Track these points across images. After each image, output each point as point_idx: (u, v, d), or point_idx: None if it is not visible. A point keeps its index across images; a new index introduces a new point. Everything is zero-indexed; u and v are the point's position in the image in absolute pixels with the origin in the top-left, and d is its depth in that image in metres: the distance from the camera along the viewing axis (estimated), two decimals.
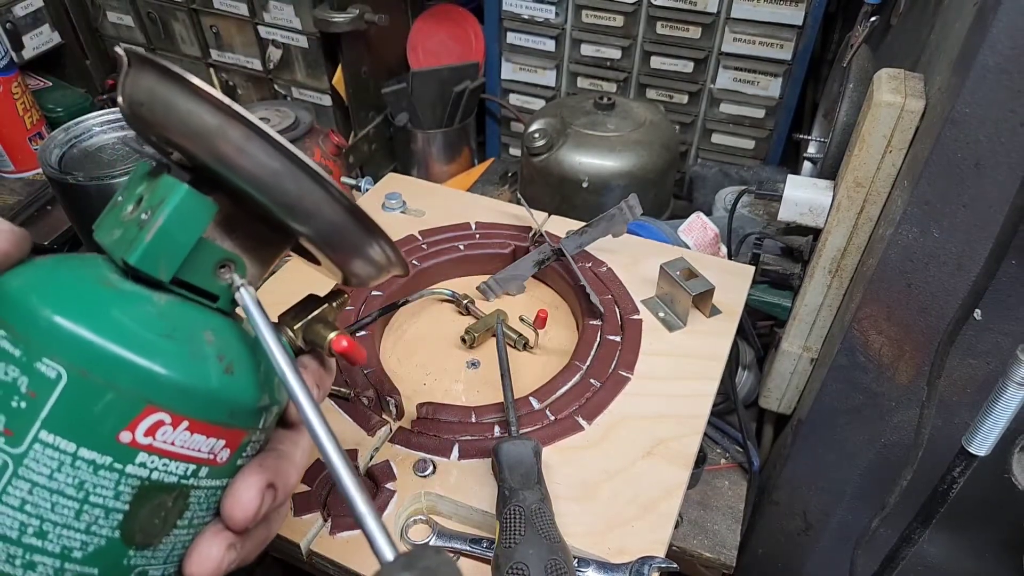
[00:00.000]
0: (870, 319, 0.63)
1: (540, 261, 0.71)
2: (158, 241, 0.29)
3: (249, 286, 0.31)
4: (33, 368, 0.27)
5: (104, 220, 0.32)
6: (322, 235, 0.32)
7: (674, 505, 0.51)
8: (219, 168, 0.30)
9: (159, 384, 0.28)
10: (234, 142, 0.29)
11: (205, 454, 0.30)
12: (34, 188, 1.09)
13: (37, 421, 0.27)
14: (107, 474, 0.27)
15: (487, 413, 0.58)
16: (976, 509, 0.66)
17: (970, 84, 0.49)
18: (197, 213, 0.30)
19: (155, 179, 0.31)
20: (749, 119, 1.13)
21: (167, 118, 0.29)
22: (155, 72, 0.29)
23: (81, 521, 0.27)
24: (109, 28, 1.34)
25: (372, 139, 1.27)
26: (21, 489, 0.27)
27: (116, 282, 0.30)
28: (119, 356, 0.27)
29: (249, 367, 0.31)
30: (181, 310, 0.30)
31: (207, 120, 0.28)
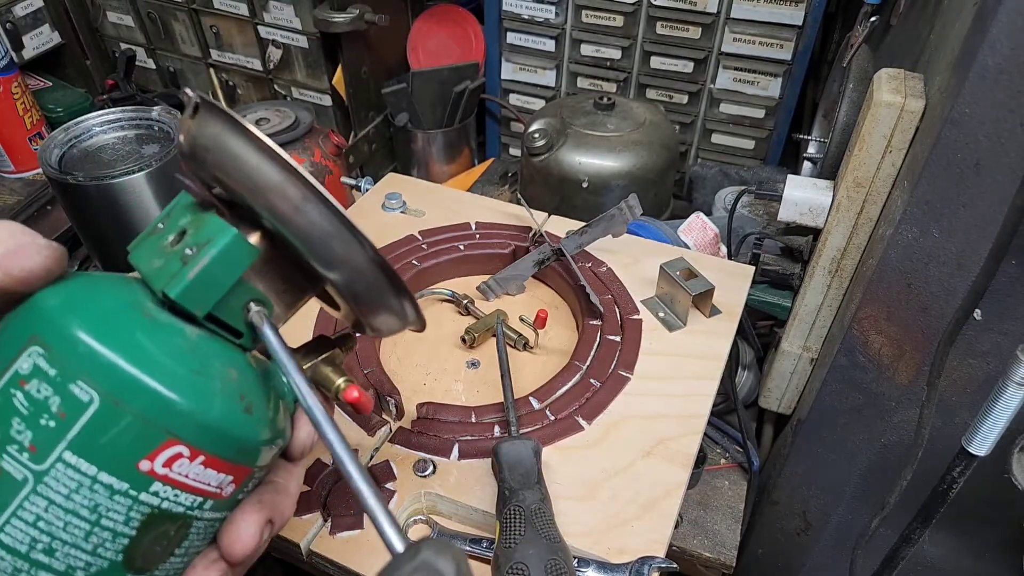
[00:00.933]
0: (870, 319, 0.63)
1: (540, 261, 0.71)
2: (200, 280, 0.30)
3: (274, 326, 0.33)
4: (67, 389, 0.27)
5: (142, 244, 0.33)
6: (352, 288, 0.33)
7: (674, 505, 0.51)
8: (271, 220, 0.31)
9: (185, 419, 0.28)
10: (293, 200, 0.30)
11: (213, 488, 0.31)
12: (34, 188, 1.09)
13: (63, 441, 0.27)
14: (122, 499, 0.28)
15: (487, 413, 0.58)
16: (976, 509, 0.66)
17: (970, 84, 0.49)
18: (240, 257, 0.31)
19: (200, 215, 0.32)
20: (749, 119, 1.13)
21: (231, 168, 0.31)
22: (223, 121, 0.31)
23: (89, 543, 0.28)
24: (109, 28, 1.34)
25: (372, 139, 1.27)
26: (37, 505, 0.27)
27: (153, 311, 0.30)
28: (152, 389, 0.28)
29: (264, 407, 0.32)
30: (210, 346, 0.31)
31: (270, 176, 0.30)
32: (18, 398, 0.28)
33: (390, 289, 0.34)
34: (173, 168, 0.82)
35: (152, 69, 1.35)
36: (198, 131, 0.31)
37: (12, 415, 0.27)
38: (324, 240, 0.31)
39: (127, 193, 0.80)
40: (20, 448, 0.27)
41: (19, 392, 0.28)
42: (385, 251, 0.74)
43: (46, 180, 0.84)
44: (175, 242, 0.32)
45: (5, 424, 0.27)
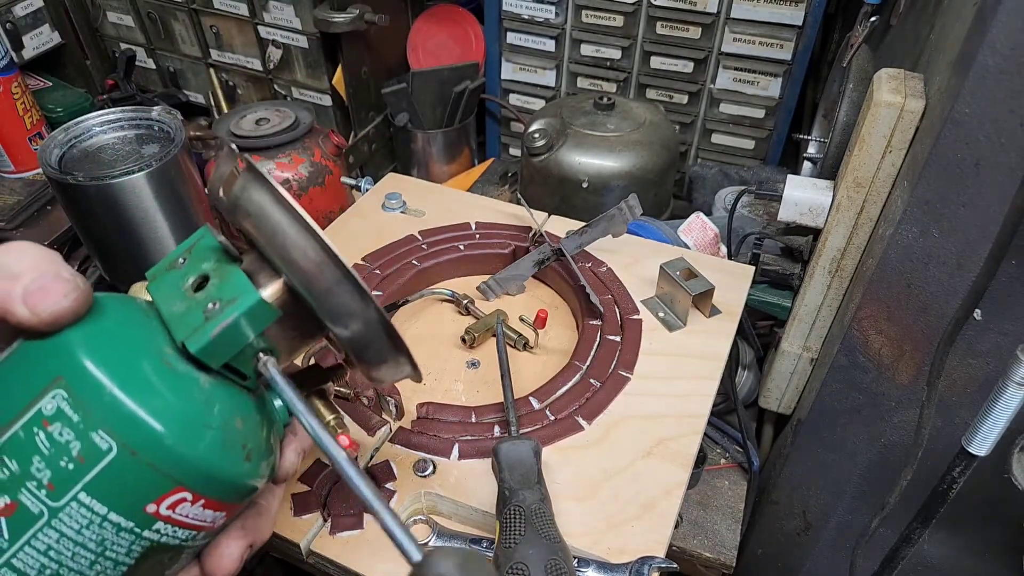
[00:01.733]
0: (870, 319, 0.63)
1: (540, 261, 0.71)
2: (221, 337, 0.32)
3: (283, 374, 0.34)
4: (88, 437, 0.29)
5: (162, 279, 0.35)
6: (358, 346, 0.36)
7: (674, 505, 0.51)
8: (302, 291, 0.33)
9: (193, 471, 0.31)
10: (327, 282, 0.33)
11: (208, 523, 0.33)
12: (34, 188, 1.09)
13: (80, 483, 0.29)
14: (126, 535, 0.31)
15: (487, 413, 0.58)
16: (976, 509, 0.66)
17: (970, 84, 0.49)
18: (262, 318, 0.33)
19: (225, 266, 0.34)
20: (749, 119, 1.13)
21: (270, 238, 0.33)
22: (268, 193, 0.33)
23: (92, 570, 0.31)
24: (109, 28, 1.34)
25: (372, 139, 1.27)
26: (49, 537, 0.30)
27: (171, 359, 0.32)
28: (168, 444, 0.30)
29: (262, 452, 0.35)
30: (221, 394, 0.33)
31: (309, 256, 0.32)
32: (40, 438, 0.29)
33: (390, 347, 0.36)
34: (173, 168, 0.82)
35: (152, 69, 1.35)
36: (242, 195, 0.33)
37: (34, 453, 0.29)
38: (349, 317, 0.34)
39: (127, 193, 0.80)
40: (39, 485, 0.29)
41: (42, 432, 0.29)
42: (385, 251, 0.74)
43: (46, 180, 0.84)
44: (196, 286, 0.34)
45: (26, 461, 0.29)
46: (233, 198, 0.33)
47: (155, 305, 0.34)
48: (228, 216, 0.34)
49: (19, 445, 0.30)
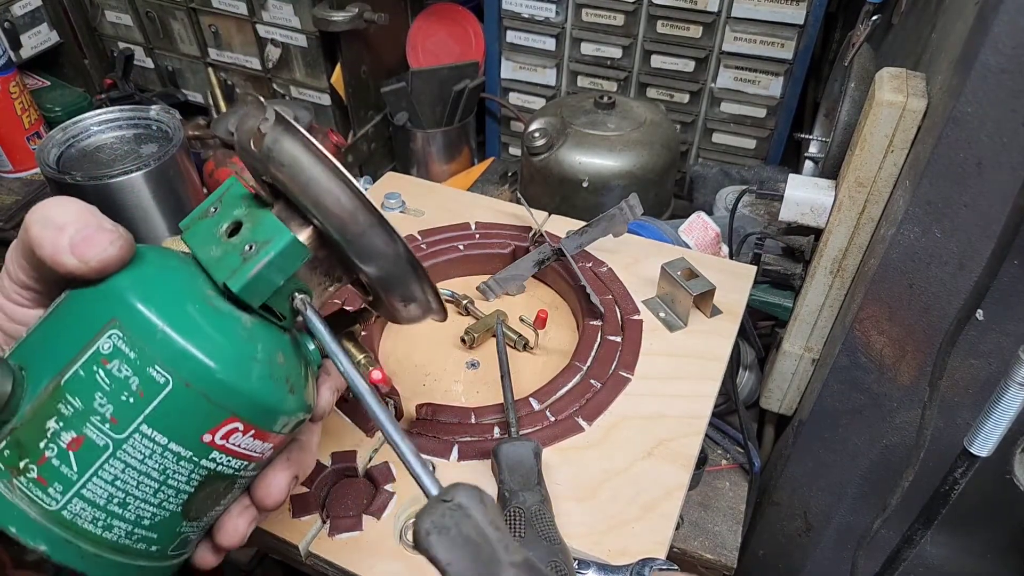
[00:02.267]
0: (872, 319, 0.63)
1: (540, 261, 0.71)
2: (259, 277, 0.34)
3: (317, 311, 0.36)
4: (145, 372, 0.31)
5: (196, 227, 0.37)
6: (389, 285, 0.38)
7: (675, 506, 0.51)
8: (335, 236, 0.35)
9: (244, 401, 0.33)
10: (361, 226, 0.34)
11: (258, 453, 0.36)
12: (32, 188, 1.09)
13: (141, 416, 0.32)
14: (186, 464, 0.33)
15: (487, 414, 0.57)
16: (978, 510, 0.66)
17: (971, 84, 0.49)
18: (295, 258, 0.35)
19: (257, 211, 0.36)
20: (750, 118, 1.13)
21: (304, 187, 0.34)
22: (300, 143, 0.34)
23: (156, 498, 0.33)
24: (108, 27, 1.33)
25: (371, 138, 1.27)
26: (115, 468, 0.32)
27: (215, 300, 0.34)
28: (219, 376, 0.32)
29: (302, 384, 0.37)
30: (263, 332, 0.35)
31: (343, 202, 0.34)
32: (100, 375, 0.31)
33: (418, 284, 0.38)
34: (171, 168, 0.82)
35: (150, 68, 1.34)
36: (275, 146, 0.34)
37: (96, 389, 0.31)
38: (382, 258, 0.36)
39: (125, 193, 0.79)
40: (102, 419, 0.31)
41: (102, 370, 0.31)
42: None
43: (44, 180, 0.84)
44: (230, 232, 0.36)
45: (89, 397, 0.31)
46: (265, 149, 0.34)
47: (192, 252, 0.36)
48: (260, 167, 0.36)
49: (81, 383, 0.32)
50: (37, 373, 0.32)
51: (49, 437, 0.32)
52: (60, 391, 0.32)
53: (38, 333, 0.34)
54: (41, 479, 0.31)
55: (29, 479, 0.31)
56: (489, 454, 0.52)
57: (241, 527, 0.38)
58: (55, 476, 0.31)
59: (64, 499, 0.31)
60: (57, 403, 0.32)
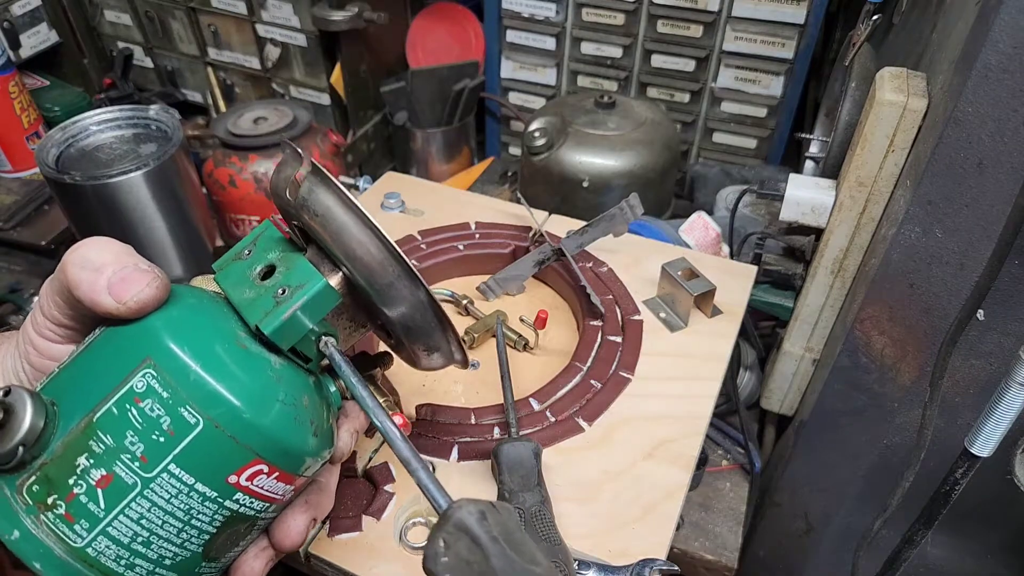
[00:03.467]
0: (872, 319, 0.62)
1: (540, 261, 0.71)
2: (291, 320, 0.35)
3: (344, 356, 0.37)
4: (177, 412, 0.32)
5: (229, 269, 0.38)
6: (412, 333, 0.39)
7: (675, 507, 0.51)
8: (361, 282, 0.36)
9: (270, 444, 0.34)
10: (389, 276, 0.36)
11: (279, 496, 0.36)
12: (31, 188, 1.09)
13: (170, 455, 0.32)
14: (210, 505, 0.34)
15: (487, 414, 0.57)
16: (979, 511, 0.66)
17: (972, 83, 0.48)
18: (327, 303, 0.36)
19: (290, 255, 0.37)
20: (751, 118, 1.13)
21: (336, 235, 0.35)
22: (334, 195, 0.35)
23: (179, 537, 0.33)
24: (107, 27, 1.33)
25: (371, 138, 1.27)
26: (142, 507, 0.32)
27: (246, 342, 0.35)
28: (247, 418, 0.33)
29: (325, 430, 0.38)
30: (290, 375, 0.36)
31: (372, 252, 0.35)
32: (133, 413, 0.32)
33: (439, 330, 0.39)
34: (170, 168, 0.82)
35: (150, 68, 1.34)
36: (310, 196, 0.36)
37: (128, 427, 0.32)
38: (408, 306, 0.37)
39: (124, 192, 0.79)
40: (132, 457, 0.32)
41: (134, 408, 0.32)
42: None
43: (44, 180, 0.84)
44: (263, 275, 0.37)
45: (121, 434, 0.32)
46: (301, 199, 0.36)
47: (225, 293, 0.37)
48: (295, 213, 0.37)
49: (113, 420, 0.32)
50: (69, 409, 0.33)
51: (79, 474, 0.32)
52: (92, 428, 0.32)
53: (71, 369, 0.35)
54: (68, 516, 0.32)
55: (56, 515, 0.32)
56: (489, 454, 0.52)
57: (257, 568, 0.39)
58: (82, 513, 0.32)
59: (90, 536, 0.32)
60: (89, 440, 0.32)
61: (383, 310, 0.37)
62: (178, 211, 0.85)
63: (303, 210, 0.36)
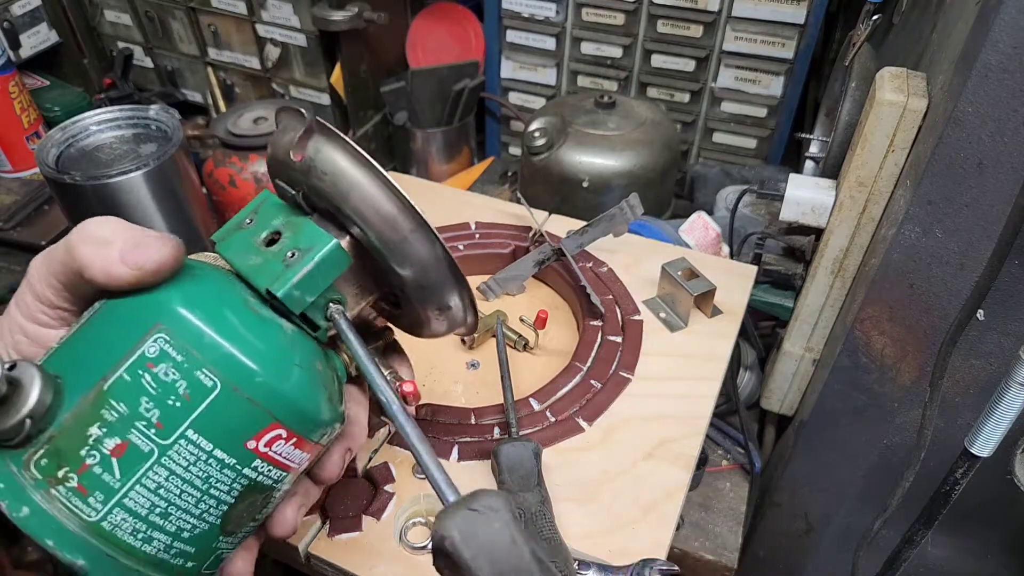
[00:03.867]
0: (872, 319, 0.62)
1: (540, 261, 0.71)
2: (303, 283, 0.34)
3: (350, 322, 0.37)
4: (193, 375, 0.31)
5: (231, 239, 0.37)
6: (425, 290, 0.38)
7: (675, 507, 0.51)
8: (375, 241, 0.35)
9: (288, 407, 0.33)
10: (402, 231, 0.35)
11: (296, 464, 0.36)
12: (31, 188, 1.09)
13: (188, 420, 0.31)
14: (229, 472, 0.33)
15: (487, 414, 0.57)
16: (979, 511, 0.66)
17: (972, 83, 0.48)
18: (338, 264, 0.36)
19: (296, 219, 0.36)
20: (751, 118, 1.13)
21: (346, 194, 0.34)
22: (343, 150, 0.34)
23: (198, 508, 0.32)
24: (107, 27, 1.33)
25: (371, 138, 1.26)
26: (159, 475, 0.31)
27: (256, 307, 0.35)
28: (265, 380, 0.32)
29: (338, 396, 0.37)
30: (301, 340, 0.36)
31: (387, 208, 0.34)
32: (147, 379, 0.31)
33: (454, 285, 0.38)
34: (170, 168, 0.82)
35: (150, 68, 1.34)
36: (317, 156, 0.35)
37: (141, 393, 0.31)
38: (416, 257, 0.36)
39: (125, 193, 0.79)
40: (148, 424, 0.31)
41: (148, 374, 0.31)
42: None
43: (44, 180, 0.84)
44: (268, 242, 0.36)
45: (134, 401, 0.31)
46: (307, 160, 0.35)
47: (229, 262, 0.36)
48: (300, 177, 0.36)
49: (126, 387, 0.31)
50: (75, 381, 0.32)
51: (91, 444, 0.31)
52: (103, 396, 0.31)
53: (72, 342, 0.34)
54: (81, 488, 0.30)
55: (68, 488, 0.30)
56: (489, 455, 0.52)
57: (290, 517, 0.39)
58: (96, 484, 0.30)
59: (105, 509, 0.30)
60: (100, 409, 0.31)
61: (396, 269, 0.36)
62: (178, 211, 0.85)
63: (310, 172, 0.35)
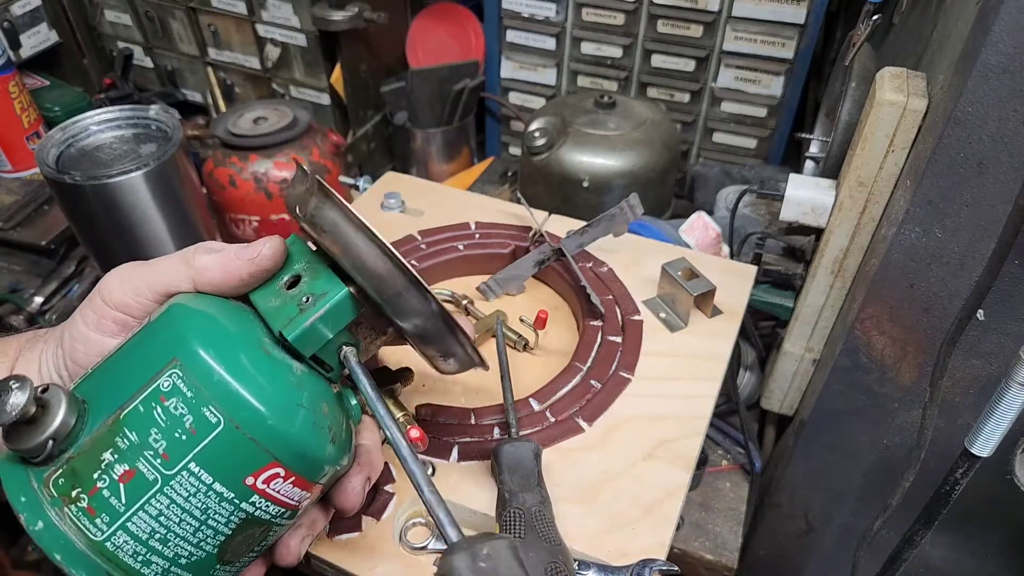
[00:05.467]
0: (872, 319, 0.62)
1: (540, 261, 0.71)
2: (314, 328, 0.37)
3: (363, 365, 0.38)
4: (199, 411, 0.33)
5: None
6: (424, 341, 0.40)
7: (675, 507, 0.51)
8: (371, 294, 0.37)
9: (288, 447, 0.35)
10: (396, 287, 0.36)
11: (295, 502, 0.37)
12: (32, 188, 1.09)
13: (191, 453, 0.33)
14: (227, 505, 0.34)
15: (487, 415, 0.57)
16: (979, 510, 0.66)
17: (972, 83, 0.48)
18: (348, 312, 0.38)
19: (316, 265, 0.39)
20: (751, 118, 1.13)
21: (344, 250, 0.36)
22: (339, 211, 0.36)
23: (195, 537, 0.34)
24: (107, 27, 1.33)
25: (371, 138, 1.27)
26: (161, 503, 0.33)
27: (269, 347, 0.37)
28: (267, 421, 0.34)
29: (344, 438, 0.39)
30: (311, 381, 0.37)
31: (379, 265, 0.36)
32: (158, 411, 0.33)
33: (451, 336, 0.40)
34: (170, 168, 0.82)
35: (150, 68, 1.34)
36: (317, 213, 0.37)
37: (152, 425, 0.33)
38: (410, 311, 0.38)
39: (124, 193, 0.79)
40: (155, 454, 0.33)
41: (159, 407, 0.33)
42: None
43: (44, 180, 0.84)
44: (290, 285, 0.38)
45: (145, 431, 0.33)
46: (309, 216, 0.37)
47: (252, 301, 0.39)
48: (307, 230, 0.38)
49: (139, 417, 0.33)
50: (98, 406, 0.34)
51: (103, 468, 0.33)
52: (119, 424, 0.33)
53: (103, 369, 0.36)
54: (91, 509, 0.33)
55: (79, 508, 0.33)
56: (489, 455, 0.52)
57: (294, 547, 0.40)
58: (104, 507, 0.33)
59: (109, 531, 0.33)
60: (115, 436, 0.33)
61: (394, 319, 0.38)
62: (178, 211, 0.85)
63: (312, 226, 0.37)
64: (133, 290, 0.39)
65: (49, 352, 0.40)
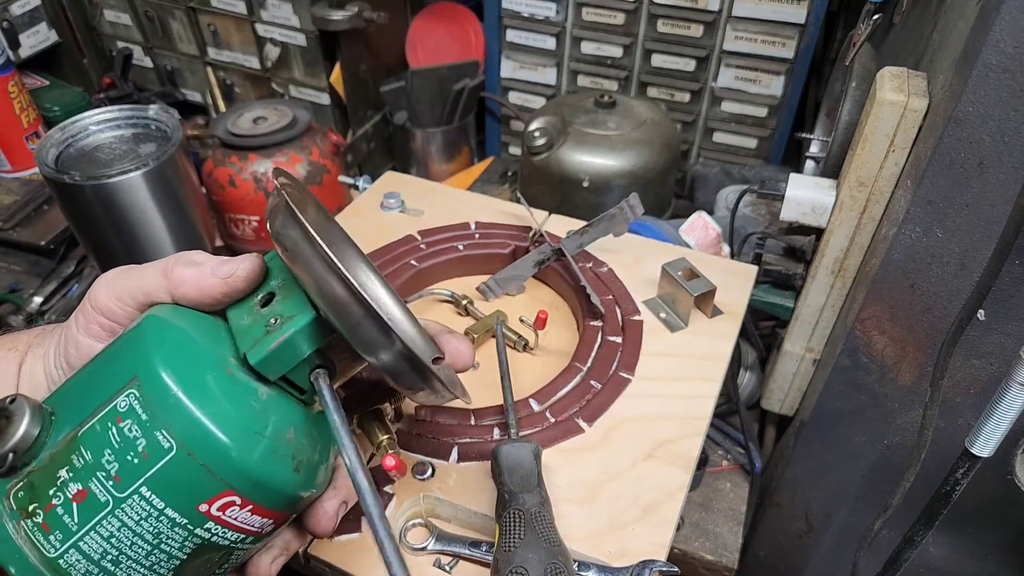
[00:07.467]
0: (873, 319, 0.62)
1: (540, 261, 0.71)
2: (278, 351, 0.35)
3: (331, 388, 0.37)
4: (153, 435, 0.32)
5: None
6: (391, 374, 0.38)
7: (675, 507, 0.51)
8: (333, 322, 0.35)
9: (243, 476, 0.33)
10: (355, 317, 0.34)
11: (256, 528, 0.35)
12: (31, 188, 1.09)
13: (142, 478, 0.32)
14: (179, 531, 0.33)
15: (487, 415, 0.57)
16: (979, 511, 0.66)
17: (973, 83, 0.48)
18: (315, 338, 0.36)
19: (290, 285, 0.37)
20: (751, 118, 1.12)
21: (303, 272, 0.35)
22: (300, 231, 0.34)
23: (148, 560, 0.33)
24: (106, 26, 1.33)
25: (370, 138, 1.26)
26: (112, 525, 0.32)
27: (234, 369, 0.35)
28: (221, 448, 0.32)
29: (311, 466, 0.37)
30: (276, 405, 0.36)
31: (337, 292, 0.34)
32: (113, 432, 0.32)
33: (415, 373, 0.38)
34: (169, 168, 0.82)
35: (149, 68, 1.34)
36: (282, 231, 0.35)
37: (106, 446, 0.32)
38: (371, 343, 0.35)
39: (124, 193, 0.79)
40: (107, 476, 0.32)
41: (115, 428, 0.32)
42: (383, 251, 0.74)
43: (43, 179, 0.84)
44: (264, 302, 0.37)
45: (99, 452, 0.32)
46: (275, 233, 0.36)
47: (228, 318, 0.37)
48: (276, 247, 0.37)
49: (95, 437, 0.33)
50: (62, 420, 0.34)
51: (58, 486, 0.32)
52: (76, 442, 0.33)
53: (75, 379, 0.36)
54: (45, 525, 0.32)
55: (35, 523, 0.32)
56: (489, 455, 0.52)
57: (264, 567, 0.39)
58: (57, 524, 0.32)
59: (62, 548, 0.32)
60: (71, 454, 0.33)
61: (356, 349, 0.36)
62: (178, 211, 0.85)
63: (278, 243, 0.36)
64: (118, 297, 0.38)
65: (52, 350, 0.40)
